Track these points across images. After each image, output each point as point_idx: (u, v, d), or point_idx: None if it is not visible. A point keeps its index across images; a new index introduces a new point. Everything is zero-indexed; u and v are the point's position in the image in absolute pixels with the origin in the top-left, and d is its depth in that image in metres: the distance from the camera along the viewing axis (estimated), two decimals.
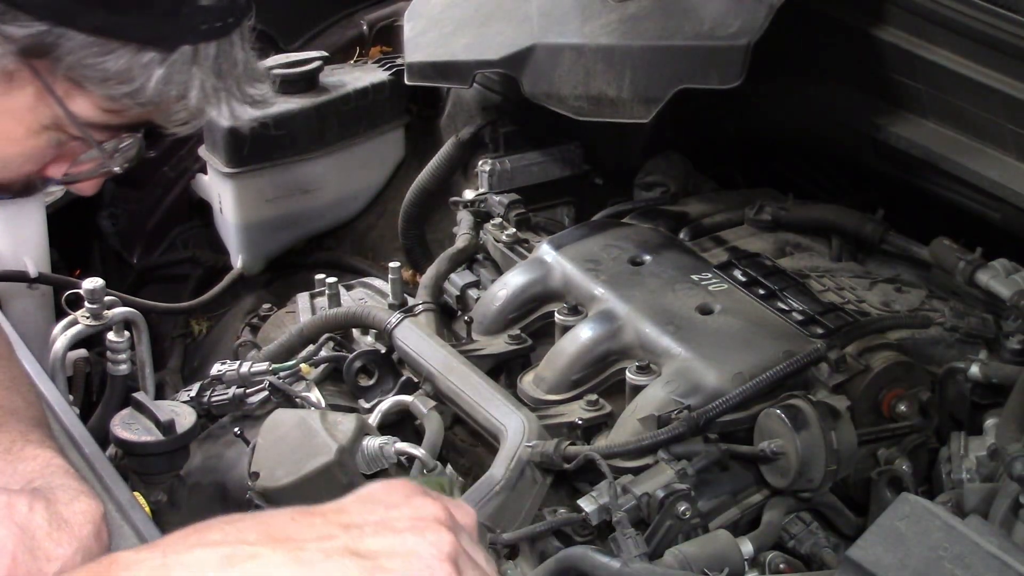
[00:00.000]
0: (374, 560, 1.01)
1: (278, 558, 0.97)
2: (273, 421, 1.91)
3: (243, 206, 3.01)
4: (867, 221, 2.24)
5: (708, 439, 1.79)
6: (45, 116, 1.23)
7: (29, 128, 1.24)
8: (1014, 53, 1.85)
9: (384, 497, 1.08)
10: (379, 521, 1.05)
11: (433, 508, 1.08)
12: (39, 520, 1.22)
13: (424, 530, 1.05)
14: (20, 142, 1.24)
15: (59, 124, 1.24)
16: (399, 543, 1.03)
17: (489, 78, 2.77)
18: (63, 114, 1.22)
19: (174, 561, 0.96)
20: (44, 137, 1.26)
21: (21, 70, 1.18)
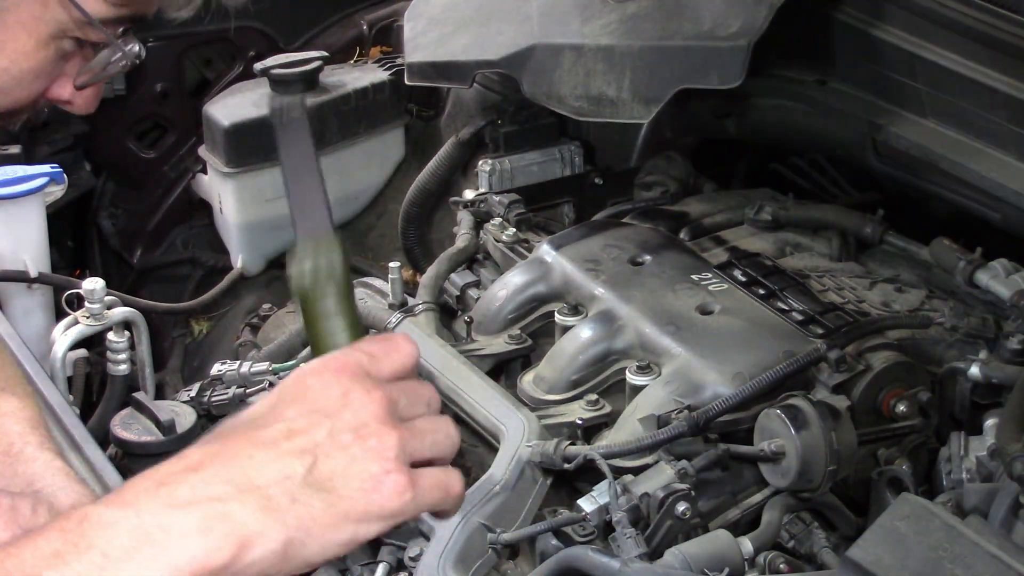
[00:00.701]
0: (333, 492, 1.00)
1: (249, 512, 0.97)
2: None
3: (243, 206, 3.01)
4: (867, 221, 2.24)
5: (708, 439, 1.79)
6: (51, 24, 1.25)
7: (39, 39, 1.25)
8: (1014, 53, 1.85)
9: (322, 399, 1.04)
10: (327, 439, 1.02)
11: (370, 405, 1.04)
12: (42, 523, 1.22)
13: (367, 438, 1.02)
14: (32, 55, 1.26)
15: (65, 30, 1.26)
16: (350, 461, 1.01)
17: (489, 78, 2.77)
18: (72, 15, 1.24)
19: (150, 523, 0.95)
20: (52, 48, 1.27)
21: None
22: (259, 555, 0.97)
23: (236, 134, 2.93)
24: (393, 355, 1.10)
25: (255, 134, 2.95)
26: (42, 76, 1.29)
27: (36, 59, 1.27)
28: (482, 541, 1.68)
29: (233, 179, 2.98)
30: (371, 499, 1.01)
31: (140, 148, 3.27)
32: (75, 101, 1.35)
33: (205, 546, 0.95)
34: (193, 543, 0.95)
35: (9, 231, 2.79)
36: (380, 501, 1.01)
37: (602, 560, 1.58)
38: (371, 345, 1.10)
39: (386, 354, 1.10)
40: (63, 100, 1.34)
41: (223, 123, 2.94)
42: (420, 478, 1.04)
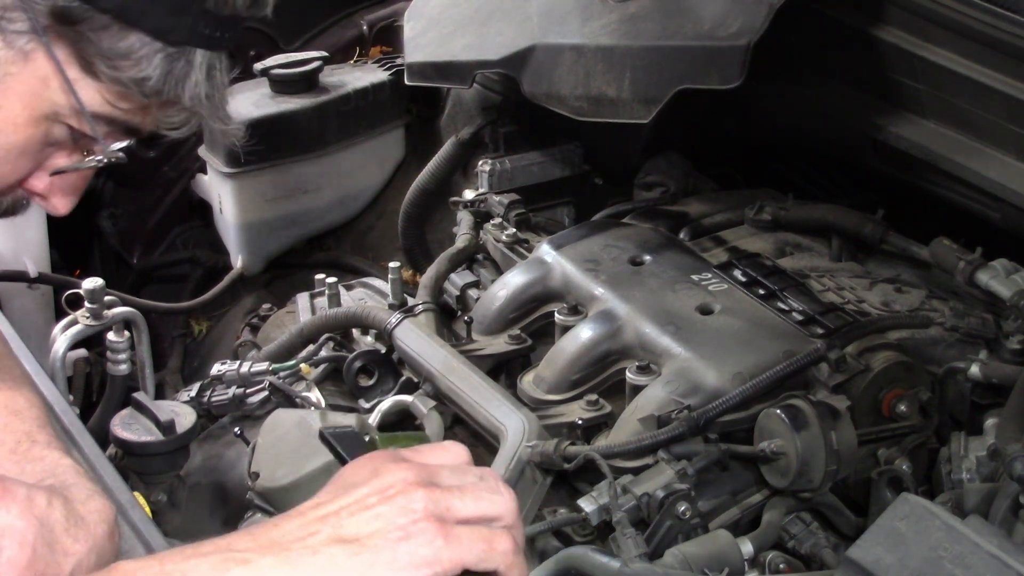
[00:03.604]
0: (357, 542, 1.03)
1: (268, 561, 1.00)
2: (273, 421, 1.91)
3: (243, 206, 3.02)
4: (867, 221, 2.24)
5: (708, 439, 1.79)
6: (47, 104, 1.26)
7: (31, 115, 1.27)
8: (1014, 53, 1.85)
9: (352, 478, 1.10)
10: (353, 503, 1.07)
11: (398, 472, 1.09)
12: (57, 515, 1.23)
13: (394, 497, 1.07)
14: (22, 129, 1.27)
15: (59, 114, 1.28)
16: (374, 518, 1.05)
17: (489, 78, 2.77)
18: (69, 102, 1.26)
19: (171, 568, 0.99)
20: (42, 129, 1.28)
21: (37, 50, 1.23)
22: None
23: None
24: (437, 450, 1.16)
25: (255, 134, 2.95)
26: (27, 155, 1.30)
27: (25, 134, 1.27)
28: None
29: (233, 179, 2.98)
30: (398, 547, 1.03)
31: (140, 148, 3.27)
32: (51, 198, 1.36)
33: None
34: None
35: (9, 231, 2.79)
36: (409, 548, 1.04)
37: (602, 560, 1.58)
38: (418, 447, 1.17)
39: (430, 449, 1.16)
40: (39, 193, 1.36)
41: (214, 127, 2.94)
42: (456, 529, 1.07)
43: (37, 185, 1.35)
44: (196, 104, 1.29)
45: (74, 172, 1.36)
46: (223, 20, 1.28)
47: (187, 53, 1.26)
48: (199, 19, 1.26)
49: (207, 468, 2.04)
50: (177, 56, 1.26)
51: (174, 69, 1.26)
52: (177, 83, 1.27)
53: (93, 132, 1.30)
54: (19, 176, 1.33)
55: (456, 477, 1.12)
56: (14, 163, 1.30)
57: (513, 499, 1.12)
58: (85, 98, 1.26)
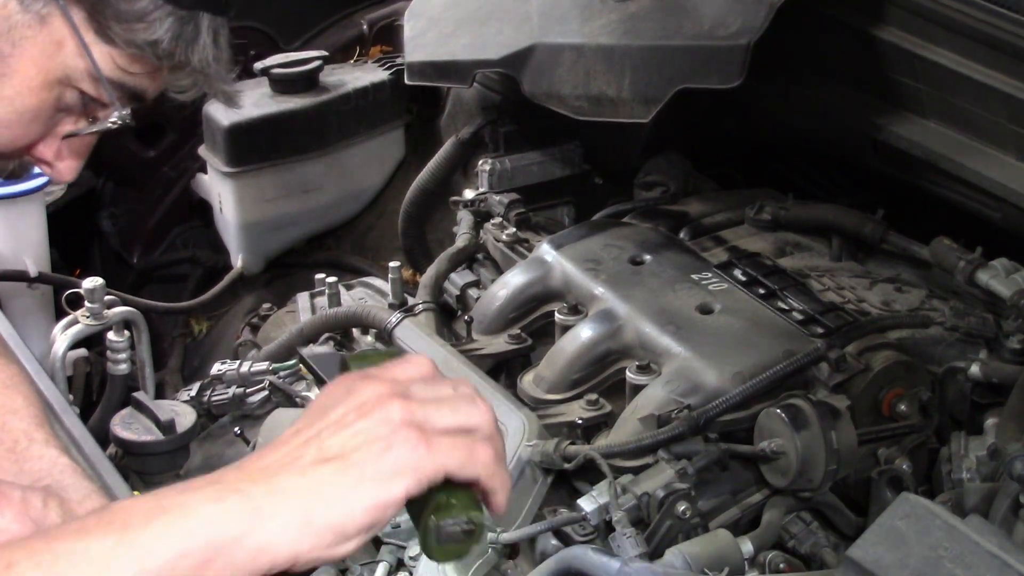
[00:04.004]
0: (341, 459, 1.04)
1: (259, 489, 1.01)
2: (273, 421, 1.91)
3: (243, 206, 3.02)
4: (867, 221, 2.24)
5: (708, 439, 1.79)
6: (61, 68, 1.29)
7: (46, 79, 1.29)
8: (1014, 53, 1.85)
9: (327, 401, 1.11)
10: (332, 423, 1.07)
11: (372, 388, 1.10)
12: (53, 517, 1.23)
13: (371, 411, 1.07)
14: (36, 92, 1.29)
15: (72, 78, 1.30)
16: (355, 434, 1.06)
17: (489, 78, 2.77)
18: (83, 65, 1.28)
19: (167, 501, 1.00)
20: (54, 93, 1.31)
21: (53, 14, 1.25)
22: (278, 526, 0.99)
23: (236, 134, 2.94)
24: (403, 364, 1.16)
25: (255, 134, 2.96)
26: (39, 120, 1.32)
27: (38, 98, 1.30)
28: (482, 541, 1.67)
29: (233, 179, 2.98)
30: (383, 457, 1.04)
31: (140, 148, 3.28)
32: (56, 165, 1.38)
33: (219, 513, 0.98)
34: (206, 510, 0.98)
35: (9, 231, 2.79)
36: (392, 457, 1.04)
37: (602, 560, 1.58)
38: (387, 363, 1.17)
39: (396, 364, 1.16)
40: (46, 160, 1.37)
41: (223, 123, 2.94)
42: (437, 436, 1.07)
43: (45, 151, 1.37)
44: (204, 67, 1.33)
45: (82, 137, 1.38)
46: None
47: (196, 17, 1.30)
48: None
49: (207, 468, 2.04)
50: (187, 19, 1.29)
51: (184, 32, 1.29)
52: (187, 46, 1.30)
53: (108, 96, 1.32)
54: (29, 140, 1.34)
55: (431, 389, 1.12)
56: (26, 127, 1.32)
57: (490, 410, 1.13)
58: (100, 61, 1.28)
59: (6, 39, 1.25)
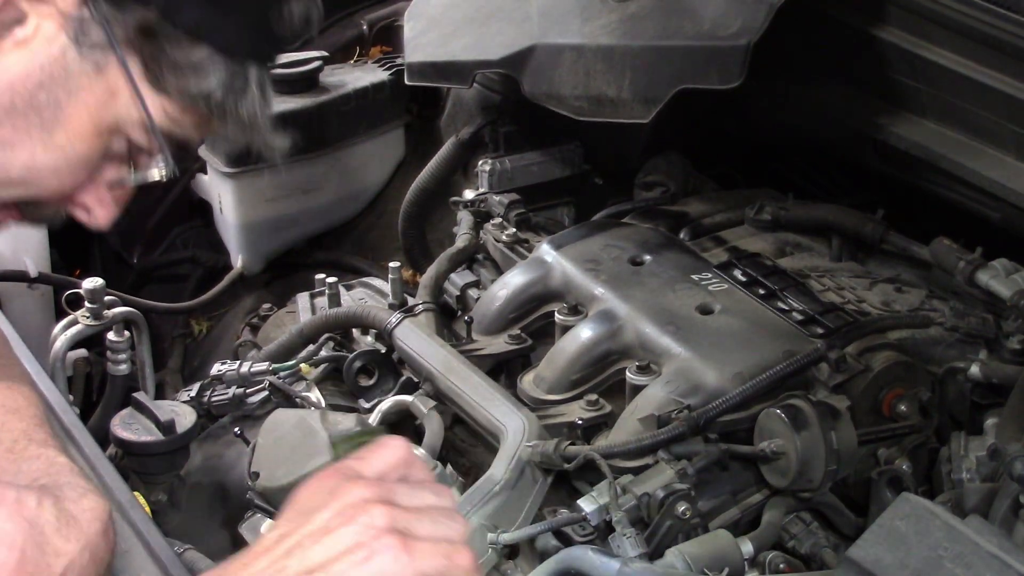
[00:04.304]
0: (325, 570, 1.06)
1: None
2: (273, 421, 1.91)
3: (243, 206, 3.02)
4: (867, 221, 2.24)
5: (708, 439, 1.79)
6: (113, 116, 1.29)
7: (97, 126, 1.29)
8: (1014, 53, 1.85)
9: (310, 502, 1.13)
10: (316, 530, 1.10)
11: (356, 491, 1.12)
12: (48, 516, 1.23)
13: (354, 516, 1.09)
14: (87, 140, 1.29)
15: (122, 127, 1.30)
16: (338, 542, 1.08)
17: (489, 78, 2.77)
18: (135, 114, 1.29)
19: None
20: (103, 141, 1.31)
21: (110, 63, 1.26)
22: None
23: None
24: (380, 451, 1.19)
25: None
26: (86, 167, 1.32)
27: (89, 145, 1.30)
28: (482, 541, 1.68)
29: (233, 179, 2.98)
30: (364, 567, 1.06)
31: None
32: (95, 211, 1.38)
33: None
34: None
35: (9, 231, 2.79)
36: (374, 566, 1.06)
37: (602, 560, 1.58)
38: (360, 452, 1.19)
39: (374, 453, 1.18)
40: (86, 206, 1.37)
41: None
42: (418, 543, 1.09)
43: (87, 198, 1.36)
44: (252, 119, 1.34)
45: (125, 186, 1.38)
46: (279, 39, 1.34)
47: (245, 69, 1.31)
48: (261, 36, 1.31)
49: (207, 468, 2.04)
50: (237, 72, 1.30)
51: (235, 84, 1.30)
52: (237, 97, 1.31)
53: (158, 144, 1.33)
54: (74, 186, 1.34)
55: (413, 496, 1.15)
56: (74, 175, 1.32)
57: (466, 524, 1.17)
58: (153, 110, 1.29)
59: (63, 87, 1.25)
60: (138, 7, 1.24)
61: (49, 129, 1.27)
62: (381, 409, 2.03)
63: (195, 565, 1.64)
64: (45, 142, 1.27)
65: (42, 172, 1.29)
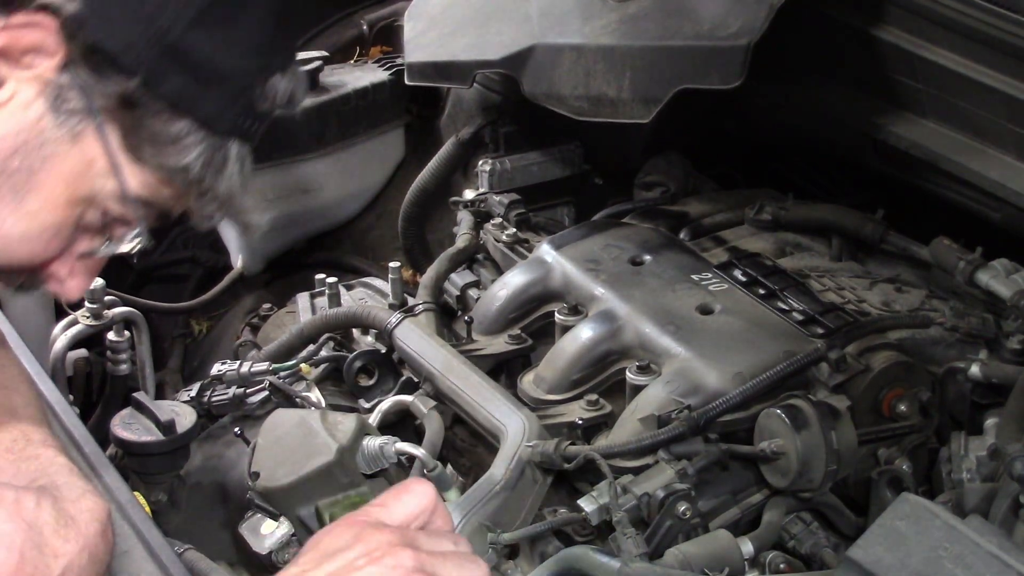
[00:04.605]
0: None
1: None
2: (273, 421, 1.90)
3: None
4: (867, 221, 2.24)
5: (708, 439, 1.79)
6: (88, 186, 1.26)
7: (71, 196, 1.26)
8: (1014, 53, 1.85)
9: (334, 544, 1.13)
10: (342, 567, 1.10)
11: (381, 535, 1.13)
12: (46, 517, 1.23)
13: (382, 558, 1.10)
14: (60, 208, 1.26)
15: (97, 197, 1.27)
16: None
17: (489, 78, 2.77)
18: (111, 185, 1.26)
19: None
20: (77, 211, 1.28)
21: (87, 131, 1.23)
22: None
23: None
24: (405, 497, 1.19)
25: None
26: (59, 236, 1.29)
27: (62, 214, 1.27)
28: (482, 541, 1.68)
29: None
30: None
31: None
32: (67, 282, 1.34)
33: None
34: None
35: None
36: None
37: (602, 560, 1.58)
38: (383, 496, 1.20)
39: (397, 499, 1.19)
40: (58, 276, 1.33)
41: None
42: None
43: (60, 268, 1.33)
44: (229, 195, 1.31)
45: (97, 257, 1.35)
46: (260, 115, 1.31)
47: (226, 144, 1.28)
48: (243, 112, 1.29)
49: (207, 468, 2.04)
50: (218, 146, 1.28)
51: (214, 159, 1.28)
52: (216, 173, 1.29)
53: (135, 216, 1.30)
54: (47, 257, 1.31)
55: (433, 542, 1.16)
56: (46, 244, 1.29)
57: (487, 570, 1.18)
58: (129, 181, 1.27)
59: (37, 154, 1.22)
60: (119, 76, 1.21)
61: (21, 197, 1.23)
62: (381, 409, 2.03)
63: (195, 565, 1.64)
64: (16, 209, 1.24)
65: (11, 240, 1.26)
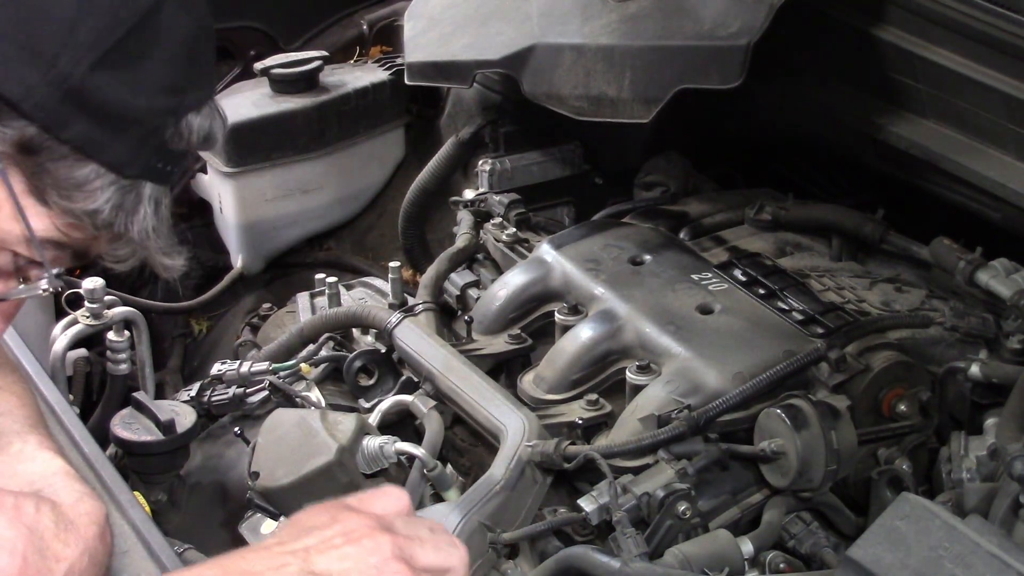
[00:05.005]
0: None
1: None
2: (273, 421, 1.91)
3: (243, 206, 3.01)
4: (867, 221, 2.24)
5: (708, 439, 1.79)
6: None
7: None
8: (1014, 53, 1.85)
9: (310, 522, 1.14)
10: (319, 543, 1.10)
11: (358, 518, 1.14)
12: (46, 521, 1.23)
13: (360, 540, 1.11)
14: None
15: (4, 242, 1.25)
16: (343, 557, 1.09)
17: (489, 78, 2.77)
18: (19, 229, 1.23)
19: None
20: None
21: None
22: None
23: (236, 134, 2.93)
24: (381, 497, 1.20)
25: (255, 134, 2.95)
26: None
27: None
28: (482, 541, 1.68)
29: (233, 179, 2.98)
30: None
31: None
32: None
33: None
34: None
35: None
36: None
37: (602, 560, 1.58)
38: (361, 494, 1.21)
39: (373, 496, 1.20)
40: None
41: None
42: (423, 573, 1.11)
43: None
44: (143, 238, 1.28)
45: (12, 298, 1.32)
46: (175, 155, 1.28)
47: (138, 186, 1.25)
48: (154, 153, 1.25)
49: (207, 468, 2.04)
50: (129, 189, 1.25)
51: (125, 202, 1.25)
52: (127, 216, 1.26)
53: (42, 259, 1.27)
54: None
55: (409, 527, 1.16)
56: None
57: (467, 553, 1.18)
58: (36, 226, 1.23)
59: None
60: (19, 121, 1.17)
61: None
62: (381, 409, 2.03)
63: None
64: None
65: None
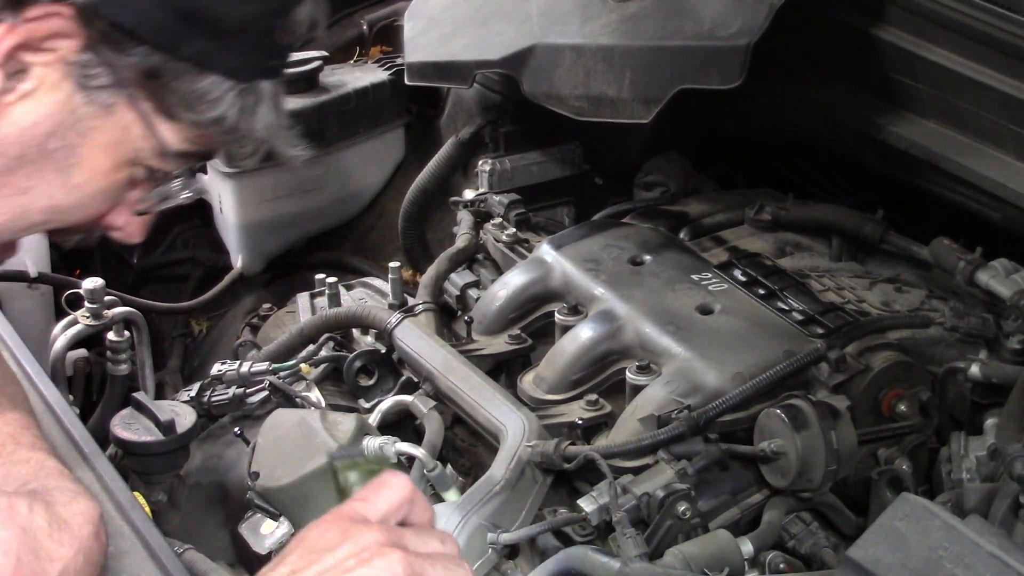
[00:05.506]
0: None
1: None
2: (273, 421, 1.91)
3: (243, 206, 3.01)
4: (867, 221, 2.24)
5: (708, 439, 1.79)
6: (129, 150, 1.30)
7: (116, 162, 1.30)
8: (1014, 53, 1.85)
9: (321, 541, 1.13)
10: (331, 567, 1.10)
11: (369, 534, 1.13)
12: (40, 521, 1.23)
13: (371, 559, 1.10)
14: (106, 176, 1.30)
15: (140, 158, 1.31)
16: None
17: (489, 78, 2.77)
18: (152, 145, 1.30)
19: None
20: (124, 173, 1.32)
21: (119, 102, 1.26)
22: None
23: None
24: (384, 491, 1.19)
25: None
26: (109, 198, 1.34)
27: (109, 180, 1.31)
28: (482, 541, 1.68)
29: (233, 179, 2.98)
30: None
31: None
32: (126, 229, 1.40)
33: None
34: None
35: None
36: None
37: (602, 560, 1.58)
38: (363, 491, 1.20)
39: (377, 492, 1.19)
40: (115, 227, 1.39)
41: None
42: None
43: (116, 220, 1.38)
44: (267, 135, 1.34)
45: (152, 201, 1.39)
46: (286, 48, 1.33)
47: (255, 86, 1.30)
48: (266, 53, 1.31)
49: (207, 468, 2.03)
50: (248, 91, 1.30)
51: (246, 104, 1.30)
52: (250, 116, 1.31)
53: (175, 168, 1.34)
54: (99, 214, 1.36)
55: (421, 542, 1.16)
56: (98, 206, 1.34)
57: (471, 572, 1.19)
58: (167, 140, 1.30)
59: (74, 131, 1.26)
60: (140, 48, 1.23)
61: (66, 172, 1.28)
62: (381, 409, 2.03)
63: (195, 565, 1.64)
64: (64, 184, 1.28)
65: (64, 211, 1.31)
